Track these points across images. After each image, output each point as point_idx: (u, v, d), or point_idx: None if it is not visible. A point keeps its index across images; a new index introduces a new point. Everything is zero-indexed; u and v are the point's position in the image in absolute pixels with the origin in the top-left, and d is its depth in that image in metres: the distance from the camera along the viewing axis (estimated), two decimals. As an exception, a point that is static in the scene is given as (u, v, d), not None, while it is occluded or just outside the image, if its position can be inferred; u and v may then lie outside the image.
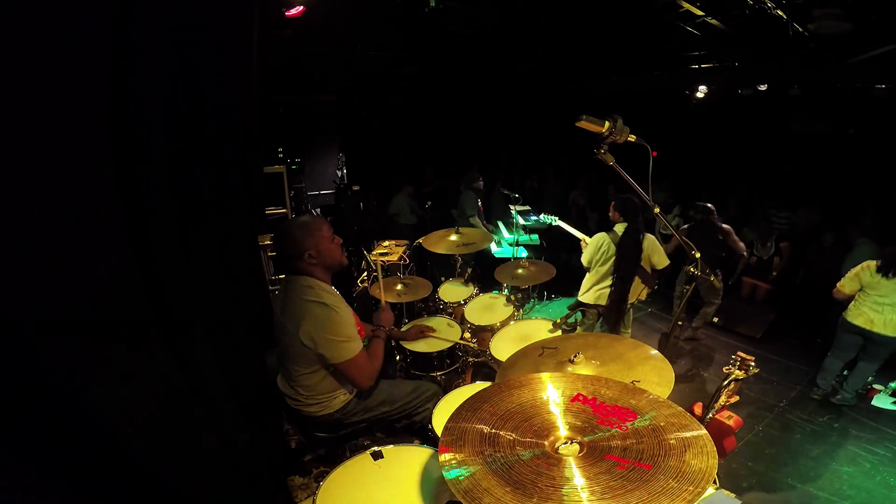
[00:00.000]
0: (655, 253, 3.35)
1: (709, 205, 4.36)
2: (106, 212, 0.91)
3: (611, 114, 1.53)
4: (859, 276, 3.46)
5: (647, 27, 5.05)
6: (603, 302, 3.47)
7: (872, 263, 3.42)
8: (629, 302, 3.43)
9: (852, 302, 3.55)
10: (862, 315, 3.44)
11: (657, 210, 1.69)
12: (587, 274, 3.64)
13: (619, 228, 3.40)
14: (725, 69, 6.28)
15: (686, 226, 4.59)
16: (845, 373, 3.77)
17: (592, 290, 3.54)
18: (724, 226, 4.31)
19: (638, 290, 3.42)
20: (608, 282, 3.43)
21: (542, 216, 4.84)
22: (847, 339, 3.59)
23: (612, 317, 3.43)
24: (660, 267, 3.37)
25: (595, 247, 3.50)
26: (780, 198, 6.34)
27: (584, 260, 3.60)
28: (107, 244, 0.93)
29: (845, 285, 3.54)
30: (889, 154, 6.25)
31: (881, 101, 5.58)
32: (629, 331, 3.73)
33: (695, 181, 7.82)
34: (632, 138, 1.57)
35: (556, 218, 4.55)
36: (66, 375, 0.85)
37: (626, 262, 3.32)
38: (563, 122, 2.10)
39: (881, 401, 3.75)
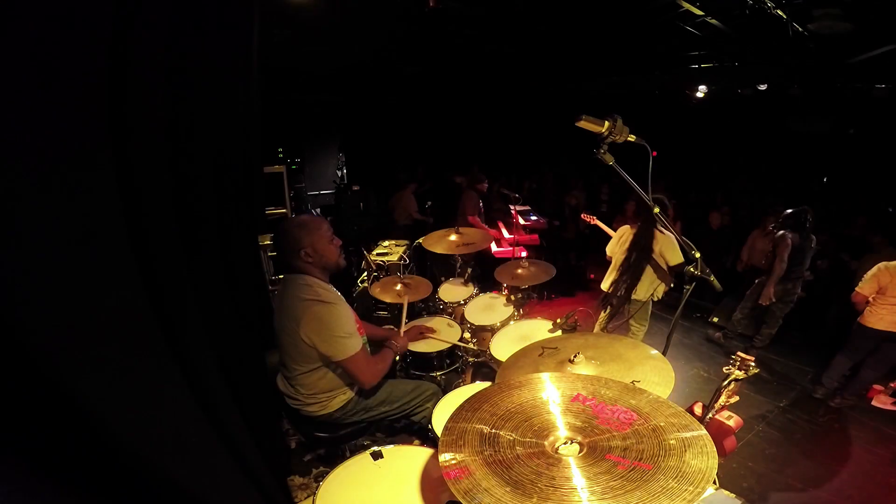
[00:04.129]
0: (668, 250, 3.37)
1: (808, 215, 4.01)
2: (105, 212, 0.91)
3: (611, 114, 1.53)
4: (878, 278, 3.38)
5: (647, 27, 5.05)
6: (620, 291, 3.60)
7: (891, 264, 3.34)
8: (647, 296, 3.51)
9: (867, 307, 3.49)
10: (883, 319, 3.39)
11: (656, 210, 1.69)
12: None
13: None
14: (725, 69, 6.29)
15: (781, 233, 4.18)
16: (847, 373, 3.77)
17: (610, 280, 3.67)
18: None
19: (654, 286, 3.49)
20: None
21: (583, 216, 4.82)
22: (862, 345, 3.55)
23: (618, 305, 3.58)
24: (672, 264, 3.38)
25: (617, 237, 3.69)
26: (780, 198, 6.34)
27: (608, 250, 3.77)
28: (106, 244, 0.93)
29: (864, 288, 3.46)
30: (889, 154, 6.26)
31: (881, 101, 5.58)
32: (646, 326, 3.75)
33: (693, 181, 7.83)
34: (631, 138, 1.57)
35: (595, 217, 4.56)
36: (64, 376, 0.85)
37: (635, 256, 3.44)
38: (563, 123, 2.10)
39: (881, 401, 3.75)
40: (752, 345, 4.53)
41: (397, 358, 2.93)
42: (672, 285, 3.56)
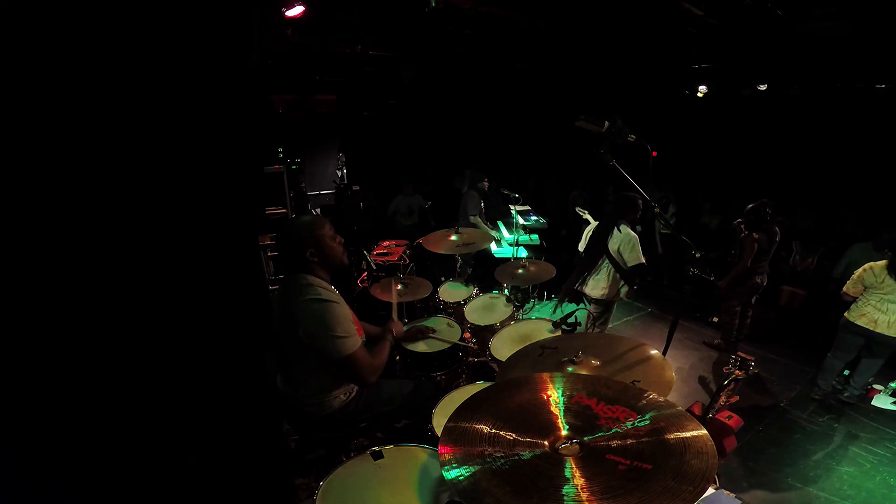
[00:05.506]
0: (626, 249, 3.39)
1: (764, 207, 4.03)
2: (107, 213, 0.91)
3: (610, 114, 1.53)
4: (863, 279, 3.43)
5: (647, 27, 5.05)
6: (586, 288, 3.72)
7: (877, 265, 3.38)
8: (611, 296, 3.57)
9: (854, 303, 3.53)
10: (865, 316, 3.42)
11: (656, 209, 1.69)
12: None
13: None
14: (725, 69, 6.29)
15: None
16: (846, 372, 3.77)
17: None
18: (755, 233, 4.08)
19: (616, 287, 3.50)
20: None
21: (577, 209, 4.83)
22: (849, 340, 3.58)
23: (565, 293, 3.79)
24: (630, 264, 3.41)
25: (584, 235, 3.81)
26: (780, 198, 6.33)
27: (579, 247, 3.88)
28: (107, 244, 0.93)
29: (850, 288, 3.51)
30: (889, 154, 6.25)
31: (881, 101, 5.58)
32: (608, 325, 3.82)
33: (694, 181, 7.82)
34: (631, 138, 1.57)
35: (587, 212, 4.56)
36: (63, 376, 0.85)
37: (588, 252, 3.58)
38: (563, 123, 2.11)
39: (881, 401, 3.75)
40: (748, 337, 4.58)
41: (397, 358, 2.93)
42: (636, 287, 3.57)
